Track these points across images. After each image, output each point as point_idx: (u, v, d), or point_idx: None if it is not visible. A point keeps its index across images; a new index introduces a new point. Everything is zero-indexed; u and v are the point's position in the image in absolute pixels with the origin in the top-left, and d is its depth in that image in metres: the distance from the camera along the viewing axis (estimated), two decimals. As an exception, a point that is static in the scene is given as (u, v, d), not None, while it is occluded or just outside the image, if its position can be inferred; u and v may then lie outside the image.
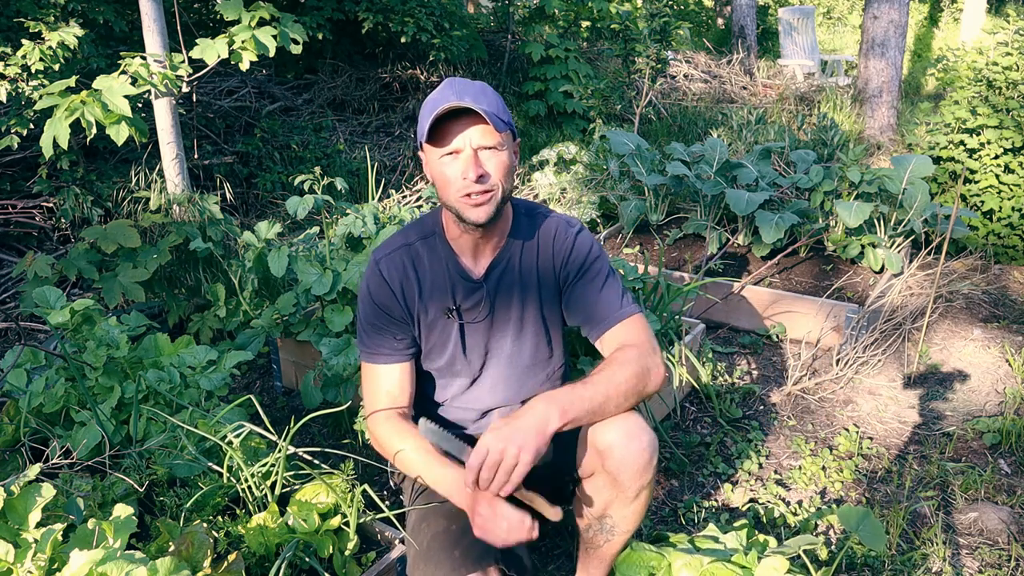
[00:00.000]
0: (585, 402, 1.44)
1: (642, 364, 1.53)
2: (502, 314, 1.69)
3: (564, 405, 1.41)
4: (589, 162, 4.56)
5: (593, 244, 1.71)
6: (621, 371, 1.51)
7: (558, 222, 1.71)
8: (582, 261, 1.68)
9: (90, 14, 4.91)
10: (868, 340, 3.08)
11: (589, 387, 1.46)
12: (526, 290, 1.69)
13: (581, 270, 1.68)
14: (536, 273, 1.69)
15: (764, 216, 3.42)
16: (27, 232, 4.14)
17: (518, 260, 1.68)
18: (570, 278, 1.69)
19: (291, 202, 2.74)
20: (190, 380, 2.15)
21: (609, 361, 1.55)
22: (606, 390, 1.47)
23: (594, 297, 1.67)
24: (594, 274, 1.68)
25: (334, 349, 2.36)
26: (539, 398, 1.43)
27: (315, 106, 6.42)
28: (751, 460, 2.46)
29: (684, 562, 1.60)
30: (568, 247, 1.68)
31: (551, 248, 1.69)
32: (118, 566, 1.20)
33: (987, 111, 4.00)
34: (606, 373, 1.50)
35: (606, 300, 1.67)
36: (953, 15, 13.28)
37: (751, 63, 8.88)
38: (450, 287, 1.66)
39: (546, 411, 1.39)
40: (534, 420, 1.38)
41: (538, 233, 1.70)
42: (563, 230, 1.70)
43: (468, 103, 1.46)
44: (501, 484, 1.35)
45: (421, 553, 1.54)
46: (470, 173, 1.48)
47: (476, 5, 8.72)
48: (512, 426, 1.37)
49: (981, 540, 2.12)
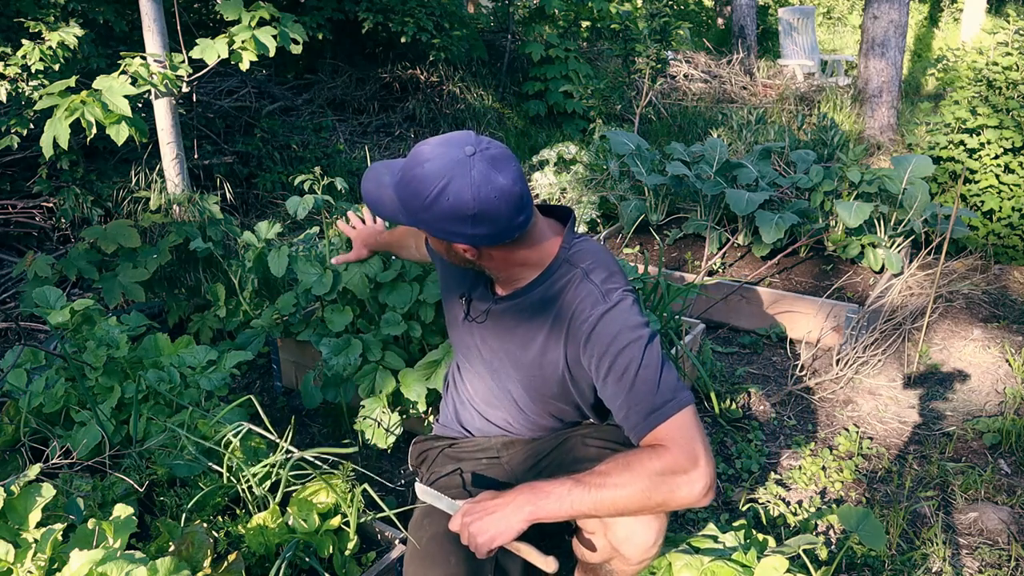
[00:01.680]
0: (579, 506, 1.29)
1: (667, 478, 1.26)
2: (505, 336, 1.59)
3: (546, 507, 1.30)
4: (589, 162, 4.56)
5: (619, 332, 1.38)
6: (635, 482, 1.27)
7: (590, 290, 1.43)
8: (603, 352, 1.38)
9: (90, 14, 4.91)
10: (868, 340, 3.08)
11: (592, 492, 1.29)
12: (531, 340, 1.53)
13: (604, 363, 1.39)
14: (549, 325, 1.49)
15: (764, 216, 3.42)
16: (27, 232, 4.14)
17: (536, 303, 1.50)
18: (598, 371, 1.41)
19: (291, 202, 2.74)
20: (190, 380, 2.15)
21: (628, 463, 1.30)
22: (611, 502, 1.28)
23: (621, 399, 1.37)
24: (621, 370, 1.36)
25: (334, 349, 2.36)
26: (524, 488, 1.35)
27: (315, 106, 6.42)
28: (751, 460, 2.46)
29: (684, 562, 1.60)
30: (588, 329, 1.41)
31: (571, 318, 1.45)
32: (118, 566, 1.20)
33: (987, 111, 4.00)
34: (616, 479, 1.28)
35: (638, 400, 1.34)
36: (953, 15, 13.28)
37: (751, 63, 8.88)
38: (471, 280, 1.64)
39: (524, 505, 1.32)
40: (509, 511, 1.33)
41: (564, 297, 1.46)
42: (590, 303, 1.42)
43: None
44: (482, 555, 1.36)
45: (419, 550, 1.54)
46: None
47: (476, 5, 8.72)
48: (486, 514, 1.34)
49: (981, 540, 2.12)
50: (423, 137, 6.37)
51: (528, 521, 1.32)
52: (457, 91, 6.90)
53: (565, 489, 1.31)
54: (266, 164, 5.41)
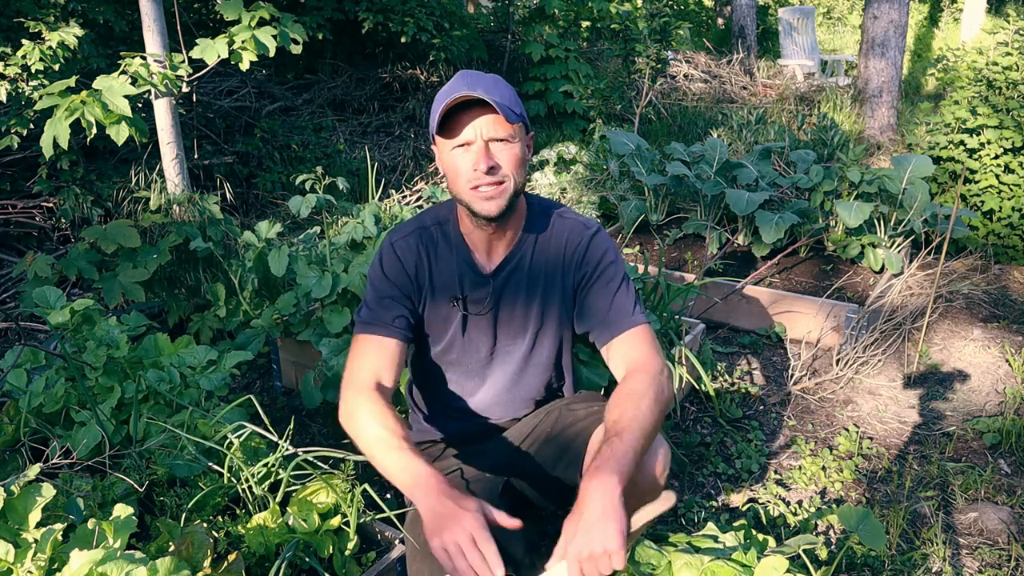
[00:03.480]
0: (629, 455, 1.34)
1: (657, 387, 1.48)
2: (507, 311, 1.69)
3: (619, 471, 1.31)
4: (589, 162, 4.56)
5: (609, 247, 1.67)
6: (643, 405, 1.43)
7: (574, 222, 1.67)
8: (596, 264, 1.64)
9: (90, 14, 4.91)
10: (868, 340, 3.08)
11: (627, 439, 1.36)
12: (535, 290, 1.67)
13: (595, 274, 1.65)
14: (547, 273, 1.67)
15: (764, 216, 3.42)
16: (27, 232, 4.14)
17: (529, 259, 1.66)
18: (583, 281, 1.65)
19: (294, 201, 2.75)
20: (190, 380, 2.15)
21: (627, 397, 1.45)
22: (640, 433, 1.38)
23: (606, 302, 1.63)
24: (608, 278, 1.64)
25: (334, 349, 2.36)
26: (591, 477, 1.30)
27: (315, 106, 6.42)
28: (751, 460, 2.46)
29: (684, 561, 1.60)
30: (583, 250, 1.65)
31: (564, 249, 1.65)
32: (118, 566, 1.20)
33: (987, 111, 4.00)
34: (633, 415, 1.41)
35: (618, 306, 1.62)
36: (953, 15, 13.28)
37: (751, 63, 8.88)
38: (458, 277, 1.65)
39: (606, 486, 1.28)
40: (602, 505, 1.26)
41: (552, 233, 1.66)
42: (578, 231, 1.66)
43: (480, 94, 1.44)
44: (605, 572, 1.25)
45: (419, 548, 1.54)
46: (481, 165, 1.47)
47: (476, 5, 8.71)
48: (588, 528, 1.25)
49: (981, 540, 2.12)
50: (423, 137, 6.38)
51: (620, 485, 1.29)
52: (457, 91, 6.89)
53: (612, 449, 1.34)
54: (266, 164, 5.41)
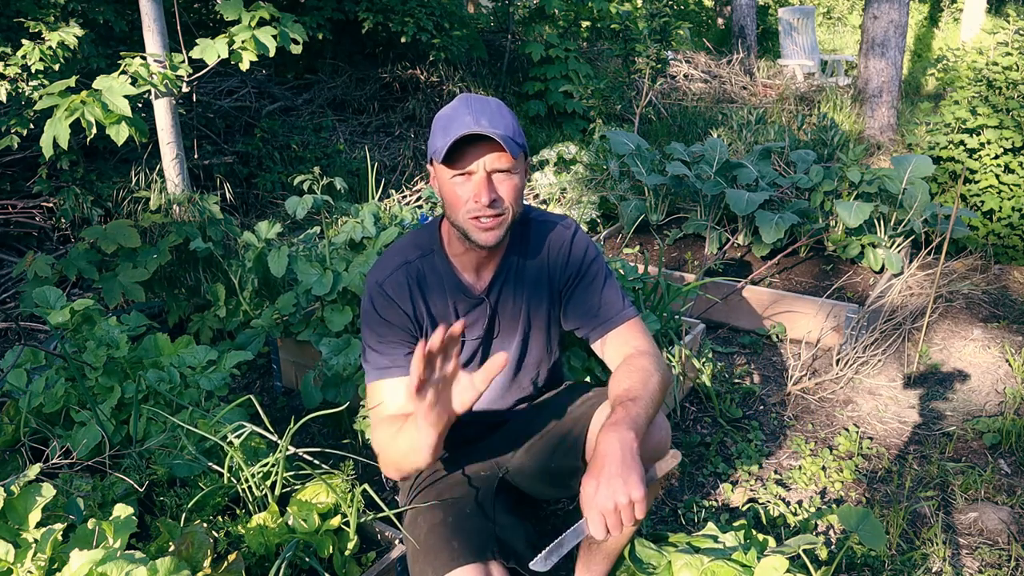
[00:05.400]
0: (642, 418, 1.39)
1: (662, 367, 1.55)
2: (505, 325, 1.70)
3: (634, 427, 1.35)
4: (589, 162, 4.56)
5: (589, 245, 1.71)
6: (652, 380, 1.49)
7: (553, 226, 1.70)
8: (579, 263, 1.68)
9: (90, 14, 4.91)
10: (868, 340, 3.08)
11: (639, 403, 1.42)
12: (528, 299, 1.69)
13: (579, 273, 1.68)
14: (534, 278, 1.69)
15: (764, 216, 3.42)
16: (27, 232, 4.14)
17: (518, 271, 1.68)
18: (569, 282, 1.69)
19: (291, 202, 2.74)
20: (190, 380, 2.15)
21: (636, 371, 1.52)
22: (650, 401, 1.45)
23: (595, 299, 1.68)
24: (592, 276, 1.68)
25: (334, 349, 2.36)
26: (608, 431, 1.34)
27: (315, 106, 6.42)
28: (751, 460, 2.46)
29: (684, 561, 1.60)
30: (566, 252, 1.69)
31: (547, 252, 1.69)
32: (118, 566, 1.20)
33: (987, 111, 4.00)
34: (643, 385, 1.47)
35: (607, 301, 1.67)
36: (953, 15, 13.28)
37: (751, 63, 8.88)
38: (451, 304, 1.64)
39: (623, 439, 1.33)
40: (622, 456, 1.30)
41: (534, 240, 1.69)
42: (559, 233, 1.69)
43: (485, 128, 1.43)
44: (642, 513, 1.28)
45: (420, 547, 1.55)
46: (483, 198, 1.46)
47: (476, 5, 8.72)
48: (609, 479, 1.28)
49: (981, 540, 2.12)
50: (423, 137, 6.38)
51: (637, 439, 1.33)
52: (457, 91, 6.90)
53: (627, 409, 1.39)
54: (266, 164, 5.41)
